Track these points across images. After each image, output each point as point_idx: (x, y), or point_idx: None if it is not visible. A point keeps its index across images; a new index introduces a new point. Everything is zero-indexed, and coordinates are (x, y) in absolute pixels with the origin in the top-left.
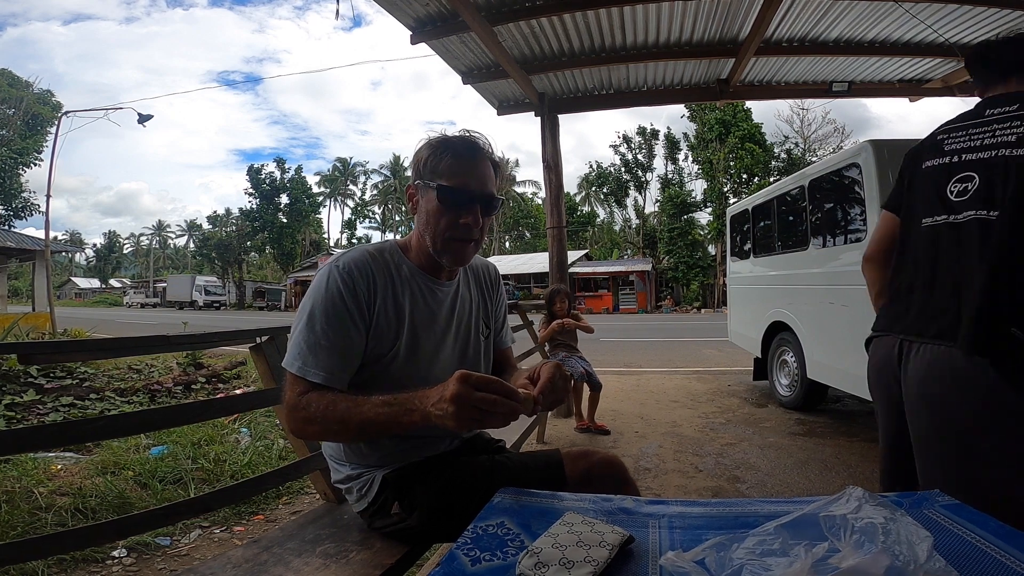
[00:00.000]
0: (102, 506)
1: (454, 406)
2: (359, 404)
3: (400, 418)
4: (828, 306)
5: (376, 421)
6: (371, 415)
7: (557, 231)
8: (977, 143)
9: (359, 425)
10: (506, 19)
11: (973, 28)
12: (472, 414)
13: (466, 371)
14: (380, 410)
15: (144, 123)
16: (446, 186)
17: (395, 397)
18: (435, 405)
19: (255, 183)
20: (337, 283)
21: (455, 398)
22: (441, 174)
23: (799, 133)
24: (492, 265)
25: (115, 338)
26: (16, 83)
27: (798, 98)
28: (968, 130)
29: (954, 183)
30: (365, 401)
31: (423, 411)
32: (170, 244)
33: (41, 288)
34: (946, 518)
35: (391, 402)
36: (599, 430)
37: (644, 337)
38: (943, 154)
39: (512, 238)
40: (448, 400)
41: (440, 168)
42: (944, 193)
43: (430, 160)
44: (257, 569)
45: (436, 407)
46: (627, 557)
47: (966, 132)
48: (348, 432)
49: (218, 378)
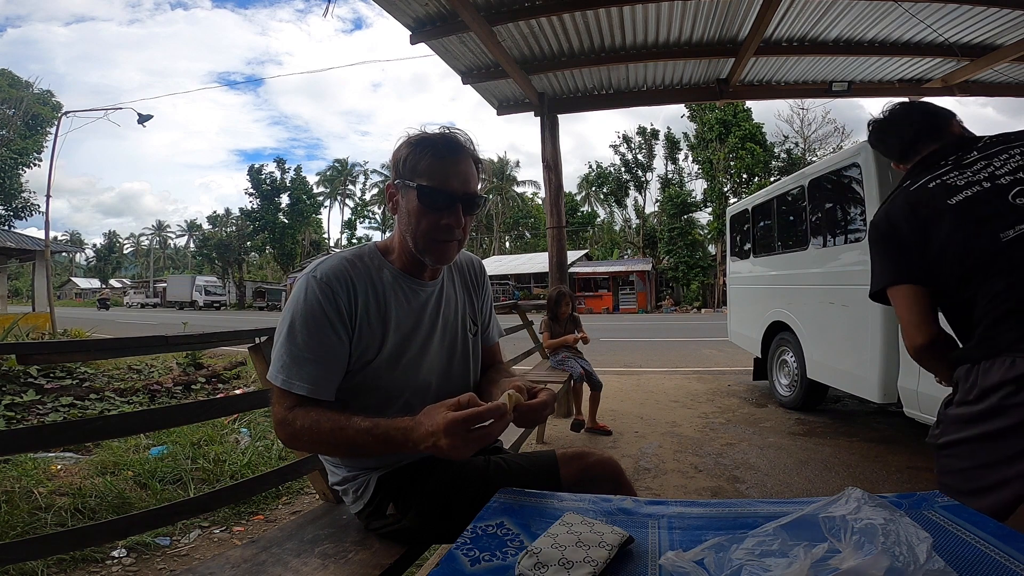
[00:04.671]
0: (102, 506)
1: (452, 453)
2: (343, 428)
3: (382, 448)
4: (828, 306)
5: (361, 446)
6: (355, 440)
7: (557, 231)
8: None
9: (345, 448)
10: (505, 19)
11: (973, 28)
12: (471, 450)
13: (452, 418)
14: (363, 437)
15: (144, 123)
16: (426, 186)
17: (376, 425)
18: (429, 449)
19: (256, 183)
20: (315, 293)
21: (451, 448)
22: (421, 173)
23: (799, 133)
24: (476, 259)
25: (115, 338)
26: (16, 83)
27: (798, 98)
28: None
29: (1015, 197)
30: (348, 425)
31: (411, 450)
32: (170, 244)
33: (41, 288)
34: (945, 519)
35: (372, 431)
36: (600, 430)
37: (644, 337)
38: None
39: (512, 238)
40: (445, 450)
41: (420, 167)
42: (1017, 207)
43: (410, 159)
44: (256, 569)
45: (431, 451)
46: (626, 557)
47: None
48: (335, 451)
49: (218, 378)
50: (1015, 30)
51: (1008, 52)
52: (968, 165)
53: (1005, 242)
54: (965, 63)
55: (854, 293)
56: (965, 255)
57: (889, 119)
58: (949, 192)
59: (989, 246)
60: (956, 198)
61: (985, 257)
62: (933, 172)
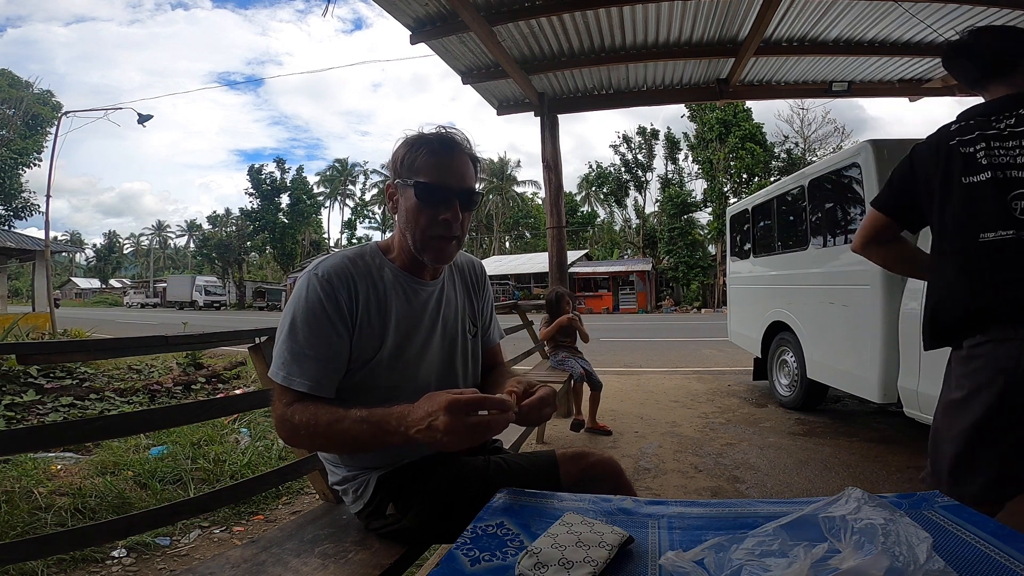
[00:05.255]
0: (102, 506)
1: (448, 436)
2: (339, 419)
3: (379, 437)
4: (828, 306)
5: (357, 437)
6: (351, 431)
7: (557, 231)
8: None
9: (341, 440)
10: (505, 19)
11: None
12: (468, 440)
13: (454, 397)
14: (358, 427)
15: (144, 123)
16: (424, 183)
17: (371, 413)
18: (422, 432)
19: (256, 183)
20: (317, 291)
21: (449, 430)
22: (418, 171)
23: (799, 133)
24: (477, 262)
25: (115, 338)
26: (16, 83)
27: (798, 98)
28: (990, 142)
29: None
30: (344, 416)
31: (404, 435)
32: (170, 244)
33: (41, 288)
34: (945, 519)
35: (367, 419)
36: (600, 430)
37: (644, 337)
38: (982, 168)
39: (512, 238)
40: (442, 431)
41: (417, 165)
42: (1008, 209)
43: (407, 157)
44: (256, 569)
45: (424, 434)
46: (626, 557)
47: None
48: (333, 446)
49: (218, 378)
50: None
51: None
52: (1006, 138)
53: (980, 243)
54: None
55: (854, 293)
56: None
57: (958, 45)
58: (968, 168)
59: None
60: (970, 178)
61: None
62: (974, 133)
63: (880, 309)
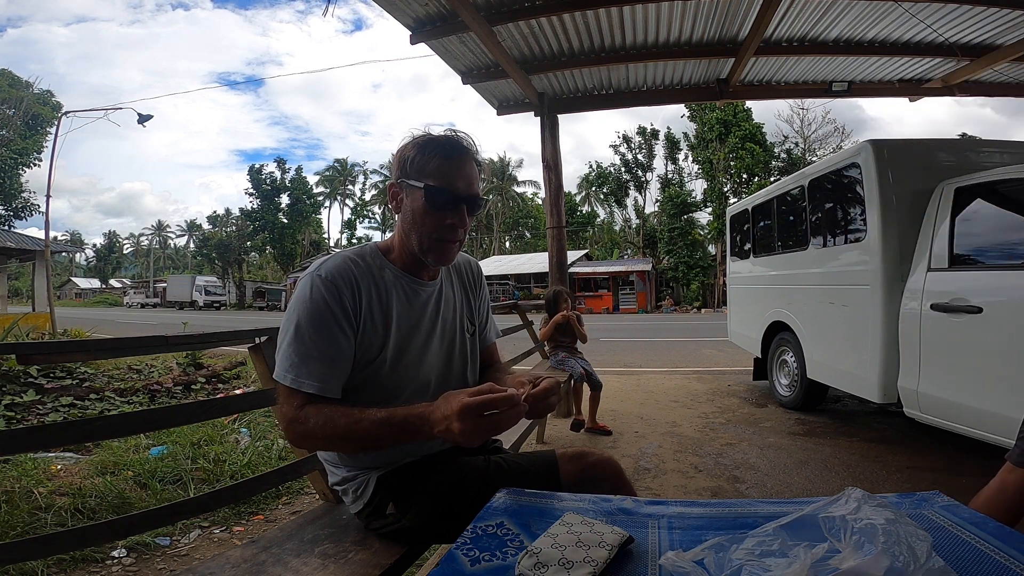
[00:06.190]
0: (102, 506)
1: (464, 437)
2: (357, 421)
3: (401, 437)
4: (828, 306)
5: (377, 437)
6: (371, 432)
7: (557, 231)
8: None
9: (360, 441)
10: (505, 19)
11: (973, 28)
12: (485, 437)
13: (466, 402)
14: (379, 429)
15: (144, 123)
16: (434, 187)
17: (392, 415)
18: (442, 432)
19: (256, 183)
20: (321, 292)
21: (464, 432)
22: (429, 174)
23: (799, 133)
24: (474, 262)
25: (115, 338)
26: (16, 83)
27: (798, 98)
28: None
29: None
30: (363, 418)
31: (427, 434)
32: (170, 244)
33: (41, 288)
34: (945, 519)
35: (389, 421)
36: (600, 430)
37: (644, 337)
38: None
39: (512, 238)
40: (458, 433)
41: (428, 168)
42: None
43: (417, 159)
44: (255, 569)
45: (444, 434)
46: (626, 557)
47: None
48: (350, 447)
49: (218, 378)
50: (1015, 30)
51: (1008, 52)
52: None
53: None
54: (965, 63)
55: (854, 293)
56: None
57: None
58: None
59: None
60: None
61: None
62: None
63: (880, 309)
